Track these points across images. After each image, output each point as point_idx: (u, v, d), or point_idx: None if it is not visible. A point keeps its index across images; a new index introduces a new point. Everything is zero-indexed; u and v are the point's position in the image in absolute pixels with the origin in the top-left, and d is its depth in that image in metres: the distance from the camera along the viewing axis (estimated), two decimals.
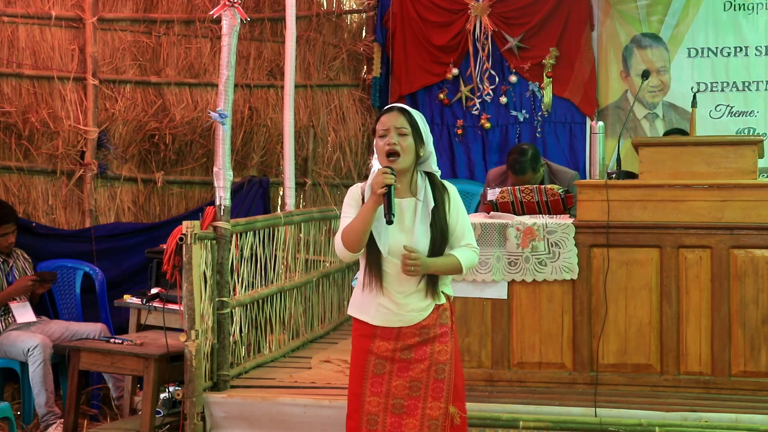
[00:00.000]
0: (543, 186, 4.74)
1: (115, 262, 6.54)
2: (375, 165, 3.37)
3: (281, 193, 6.79)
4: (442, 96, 7.39)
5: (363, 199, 3.30)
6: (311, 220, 6.05)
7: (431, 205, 3.30)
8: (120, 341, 4.84)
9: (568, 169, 5.62)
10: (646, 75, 5.04)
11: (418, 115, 3.36)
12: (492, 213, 4.67)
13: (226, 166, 4.61)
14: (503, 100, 7.27)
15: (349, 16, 7.75)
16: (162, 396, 4.70)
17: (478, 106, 7.32)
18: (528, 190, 4.71)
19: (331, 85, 7.58)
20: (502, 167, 5.59)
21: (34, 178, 6.68)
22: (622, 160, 4.90)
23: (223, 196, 4.62)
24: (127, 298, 5.55)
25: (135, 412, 5.22)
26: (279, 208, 7.10)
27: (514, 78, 7.25)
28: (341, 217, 3.36)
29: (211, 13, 4.70)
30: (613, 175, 4.54)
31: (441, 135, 7.31)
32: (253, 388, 4.65)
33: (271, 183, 7.18)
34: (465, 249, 3.34)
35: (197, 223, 4.46)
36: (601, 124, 4.83)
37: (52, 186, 6.72)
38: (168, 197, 7.10)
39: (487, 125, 7.30)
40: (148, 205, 7.04)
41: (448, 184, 3.41)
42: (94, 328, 5.47)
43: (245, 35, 7.20)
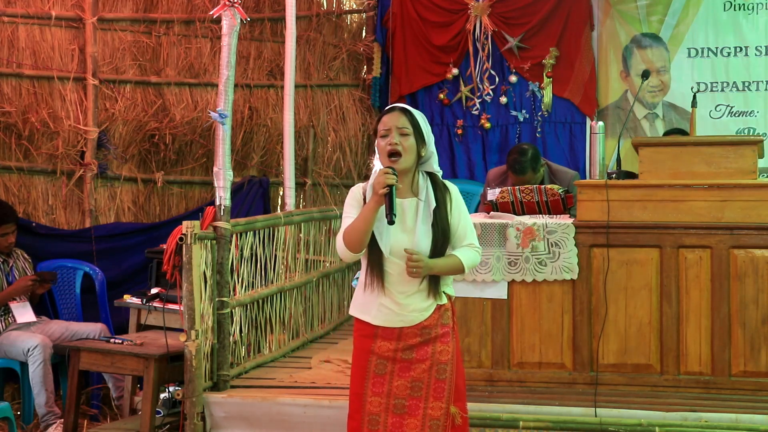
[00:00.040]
0: (543, 186, 4.74)
1: (115, 262, 6.54)
2: (376, 165, 3.36)
3: (281, 193, 6.78)
4: (442, 96, 7.39)
5: (364, 200, 3.29)
6: (311, 220, 6.05)
7: (433, 205, 3.29)
8: (120, 341, 4.84)
9: (568, 169, 5.61)
10: (646, 75, 5.04)
11: (420, 115, 3.35)
12: (492, 213, 4.67)
13: (226, 166, 4.61)
14: (503, 100, 7.27)
15: (349, 16, 7.75)
16: (162, 396, 4.70)
17: (478, 106, 7.32)
18: (528, 190, 4.71)
19: (331, 85, 7.58)
20: (502, 167, 5.59)
21: (34, 178, 6.68)
22: (622, 160, 4.90)
23: (223, 196, 4.62)
24: (127, 298, 5.55)
25: (135, 412, 5.22)
26: (279, 208, 7.09)
27: (514, 78, 7.25)
28: (343, 217, 3.36)
29: (211, 13, 4.70)
30: (613, 175, 4.54)
31: (441, 135, 7.30)
32: (253, 388, 4.65)
33: (271, 183, 7.18)
34: (467, 249, 3.34)
35: (197, 223, 4.46)
36: (601, 124, 4.83)
37: (52, 186, 6.71)
38: (168, 197, 7.10)
39: (487, 125, 7.30)
40: (148, 205, 7.03)
41: (449, 184, 3.40)
42: (94, 328, 5.47)
43: (245, 35, 7.19)
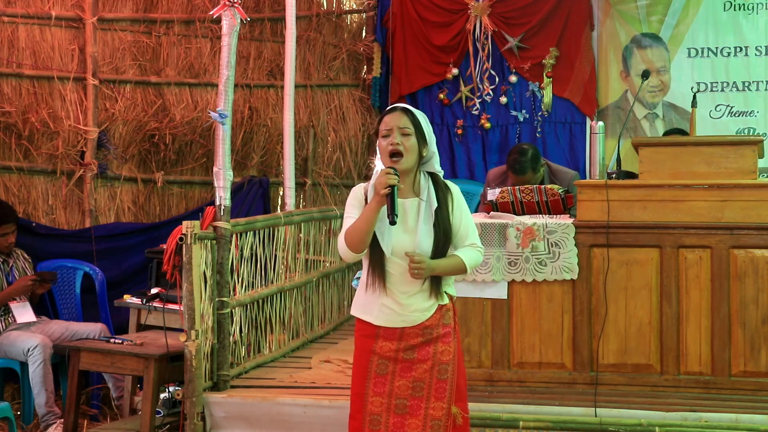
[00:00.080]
0: (543, 186, 4.74)
1: (115, 262, 6.54)
2: (377, 165, 3.36)
3: (281, 193, 6.78)
4: (442, 96, 7.39)
5: (366, 200, 3.29)
6: (311, 220, 6.04)
7: (434, 205, 3.29)
8: (120, 341, 4.84)
9: (568, 169, 5.62)
10: (646, 75, 5.04)
11: (421, 115, 3.35)
12: (492, 213, 4.67)
13: (226, 166, 4.61)
14: (503, 100, 7.27)
15: (349, 16, 7.75)
16: (162, 396, 4.70)
17: (478, 106, 7.32)
18: (528, 190, 4.71)
19: (331, 85, 7.58)
20: (502, 167, 5.59)
21: (34, 178, 6.68)
22: (622, 160, 4.90)
23: (223, 196, 4.62)
24: (127, 298, 5.55)
25: (135, 412, 5.22)
26: (279, 208, 7.09)
27: (514, 78, 7.25)
28: (344, 217, 3.35)
29: (211, 13, 4.70)
30: (613, 175, 4.54)
31: (441, 135, 7.29)
32: (253, 388, 4.65)
33: (271, 183, 7.18)
34: (469, 249, 3.34)
35: (197, 223, 4.46)
36: (601, 124, 4.83)
37: (52, 186, 6.71)
38: (168, 197, 7.10)
39: (487, 125, 7.30)
40: (148, 205, 7.03)
41: (451, 184, 3.40)
42: (94, 328, 5.47)
43: (245, 35, 7.19)
